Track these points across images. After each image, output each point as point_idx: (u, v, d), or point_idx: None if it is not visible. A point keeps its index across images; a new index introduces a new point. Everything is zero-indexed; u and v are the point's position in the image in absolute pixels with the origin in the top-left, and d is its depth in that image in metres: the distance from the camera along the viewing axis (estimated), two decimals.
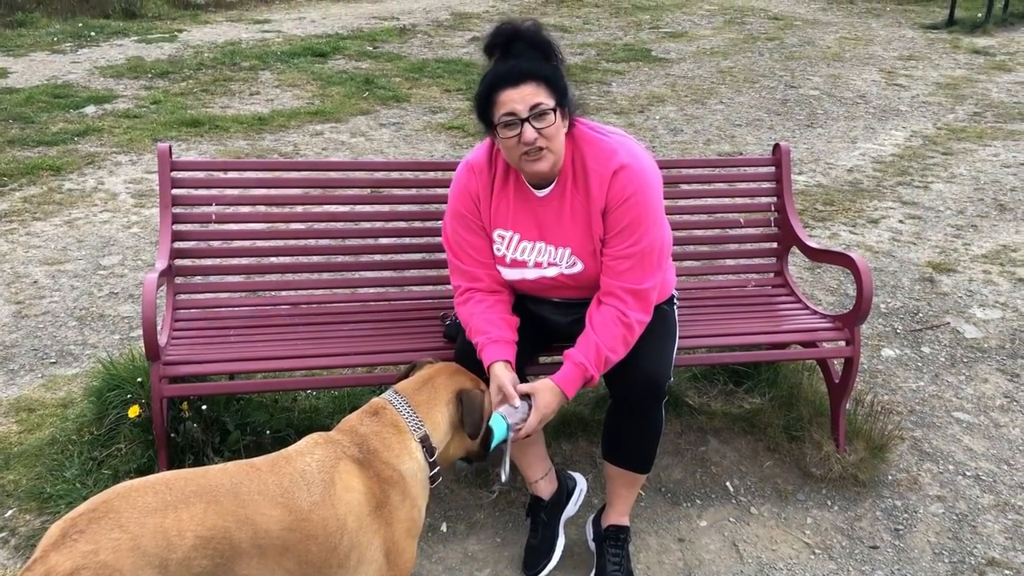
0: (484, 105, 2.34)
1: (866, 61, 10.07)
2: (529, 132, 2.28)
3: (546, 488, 2.73)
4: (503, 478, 2.31)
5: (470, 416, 2.13)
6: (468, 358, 2.47)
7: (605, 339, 2.36)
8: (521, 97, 2.27)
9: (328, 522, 1.86)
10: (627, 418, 2.52)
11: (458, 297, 2.58)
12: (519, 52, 2.33)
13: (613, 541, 2.62)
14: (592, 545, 2.70)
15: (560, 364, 2.39)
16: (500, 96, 2.29)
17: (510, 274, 2.54)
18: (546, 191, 2.45)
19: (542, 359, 2.74)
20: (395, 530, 1.97)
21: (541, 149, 2.31)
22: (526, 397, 2.31)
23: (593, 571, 2.62)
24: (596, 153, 2.41)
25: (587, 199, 2.41)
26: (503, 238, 2.51)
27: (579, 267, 2.46)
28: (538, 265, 2.49)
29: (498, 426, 2.23)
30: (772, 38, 11.34)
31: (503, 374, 2.33)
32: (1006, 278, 4.63)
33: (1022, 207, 5.65)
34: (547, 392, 2.33)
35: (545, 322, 2.66)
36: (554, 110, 2.30)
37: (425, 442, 2.06)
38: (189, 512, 1.72)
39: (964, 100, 8.44)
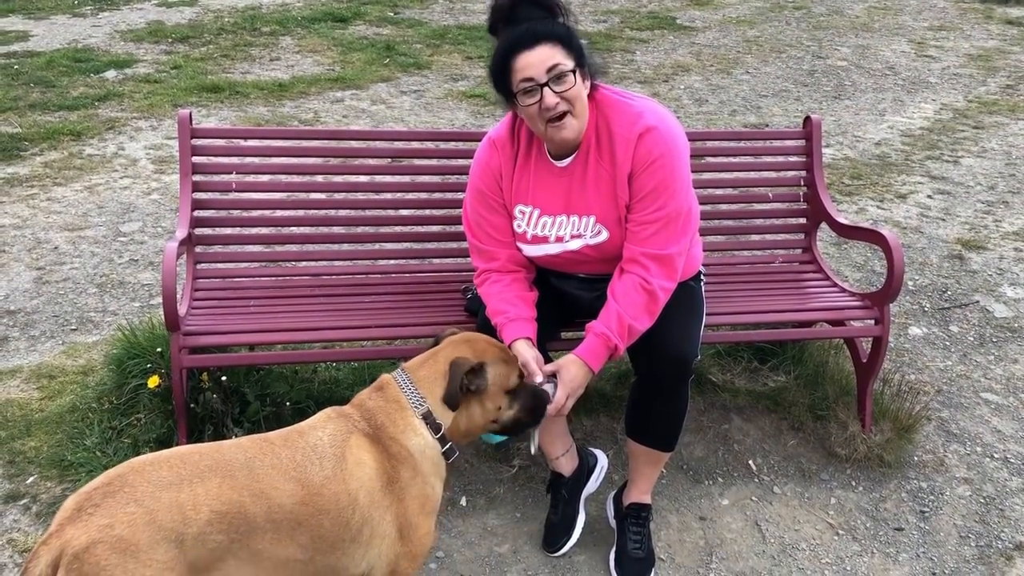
0: (500, 75, 2.28)
1: (895, 31, 9.86)
2: (550, 97, 2.22)
3: (567, 464, 2.71)
4: (532, 451, 2.31)
5: (450, 384, 1.99)
6: (490, 332, 2.43)
7: (627, 307, 2.31)
8: (538, 60, 2.20)
9: (340, 496, 1.85)
10: (653, 397, 2.48)
11: (477, 278, 2.55)
12: (526, 15, 2.25)
13: (634, 519, 2.59)
14: (613, 522, 2.67)
15: (583, 339, 2.35)
16: (515, 62, 2.22)
17: (532, 250, 2.49)
18: (568, 161, 2.41)
19: (564, 335, 2.70)
20: (407, 506, 1.95)
21: (564, 115, 2.26)
22: (552, 377, 2.27)
23: (613, 548, 2.60)
24: (621, 117, 2.35)
25: (612, 164, 2.35)
26: (523, 214, 2.46)
27: (604, 236, 2.40)
28: (559, 239, 2.44)
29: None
30: (799, 7, 11.12)
31: (525, 351, 2.30)
32: None
33: None
34: (571, 366, 2.29)
35: (568, 297, 2.62)
36: (573, 71, 2.23)
37: (428, 418, 2.00)
38: (204, 486, 1.71)
39: (996, 72, 8.25)
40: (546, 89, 2.21)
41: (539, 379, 2.26)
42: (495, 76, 2.30)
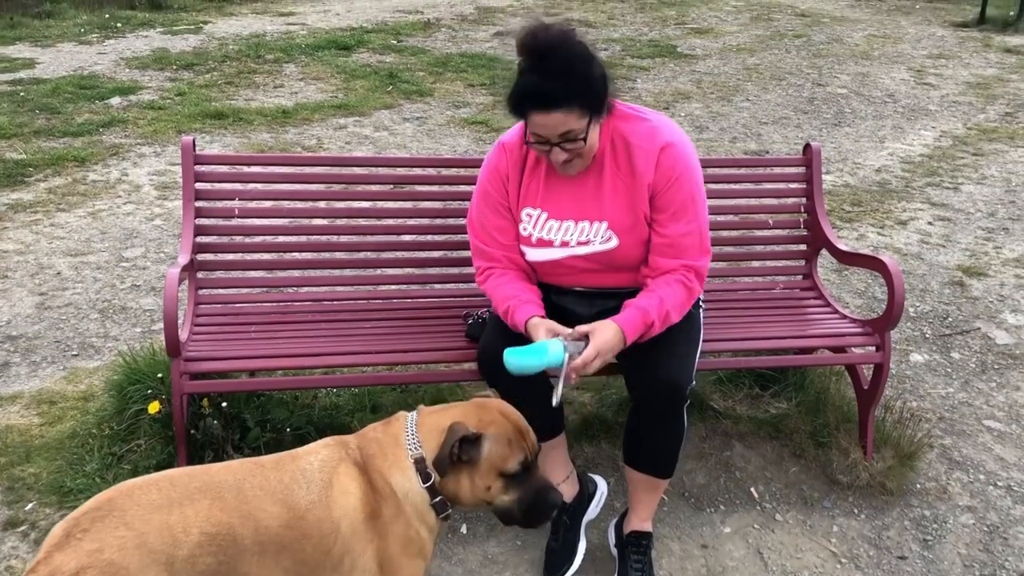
0: (515, 110, 2.32)
1: (895, 59, 9.93)
2: (558, 153, 2.31)
3: (568, 490, 2.70)
4: (554, 402, 2.27)
5: (442, 446, 1.89)
6: (490, 358, 2.45)
7: (668, 296, 2.37)
8: (552, 124, 2.25)
9: (323, 523, 1.83)
10: (648, 423, 2.48)
11: (479, 276, 2.59)
12: (551, 72, 2.23)
13: (635, 547, 2.58)
14: (614, 550, 2.66)
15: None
16: (530, 115, 2.28)
17: (535, 254, 2.52)
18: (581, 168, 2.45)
19: None
20: (388, 544, 1.90)
21: (573, 158, 2.34)
22: (584, 337, 2.27)
23: None
24: (638, 130, 2.42)
25: (631, 174, 2.40)
26: (530, 217, 2.50)
27: (613, 243, 2.44)
28: (565, 244, 2.47)
29: (555, 348, 2.19)
30: (799, 35, 11.21)
31: (542, 322, 2.33)
32: None
33: None
34: (607, 330, 2.29)
35: (567, 317, 2.61)
36: (585, 136, 2.28)
37: (420, 465, 1.92)
38: (194, 508, 1.70)
39: (995, 100, 8.30)
40: (556, 148, 2.30)
41: (566, 331, 2.27)
42: (511, 108, 2.32)
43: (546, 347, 2.20)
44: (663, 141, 2.39)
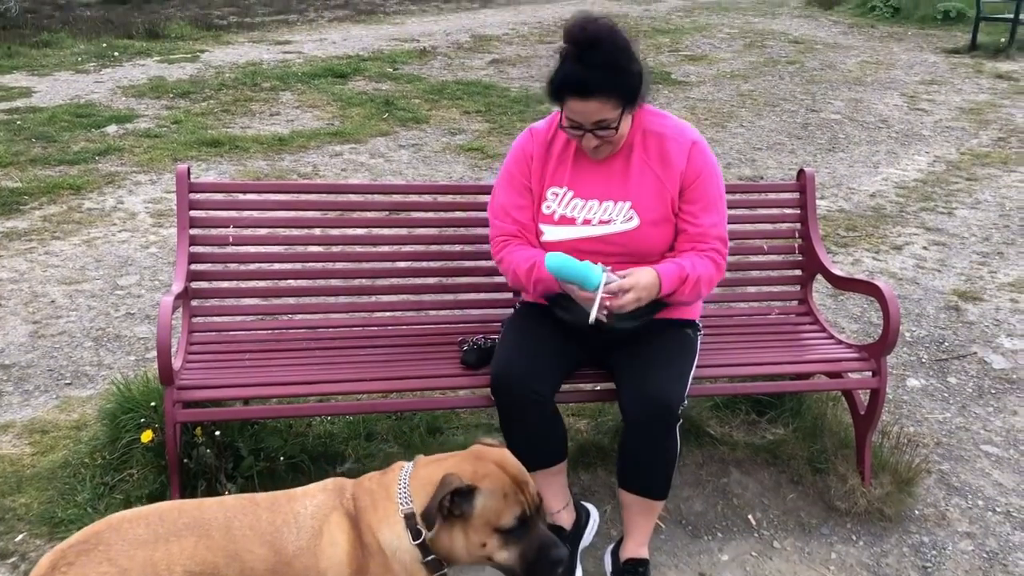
0: (554, 96, 2.45)
1: (888, 85, 10.00)
2: (591, 139, 2.45)
3: (567, 518, 2.70)
4: (591, 320, 2.33)
5: (431, 499, 1.79)
6: (504, 380, 2.48)
7: (700, 264, 2.51)
8: (588, 111, 2.39)
9: (309, 572, 1.77)
10: (640, 442, 2.49)
11: (495, 251, 2.67)
12: (594, 62, 2.36)
13: (632, 575, 2.56)
14: None
15: (585, 392, 2.35)
16: (568, 101, 2.41)
17: (555, 233, 2.58)
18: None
19: (566, 387, 2.69)
20: None
21: (604, 144, 2.49)
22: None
23: None
24: (669, 124, 2.60)
25: (661, 162, 2.54)
26: (556, 195, 2.59)
27: (635, 222, 2.53)
28: (587, 222, 2.54)
29: (594, 271, 2.32)
30: (792, 62, 11.29)
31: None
32: None
33: None
34: (647, 273, 2.41)
35: (574, 337, 2.62)
36: (617, 125, 2.43)
37: (411, 520, 1.84)
38: (180, 545, 1.68)
39: (988, 125, 8.35)
40: (588, 134, 2.44)
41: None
42: (550, 92, 2.46)
43: (588, 264, 2.34)
44: (694, 137, 2.58)
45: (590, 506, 2.84)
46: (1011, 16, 12.06)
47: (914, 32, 13.90)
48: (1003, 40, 12.17)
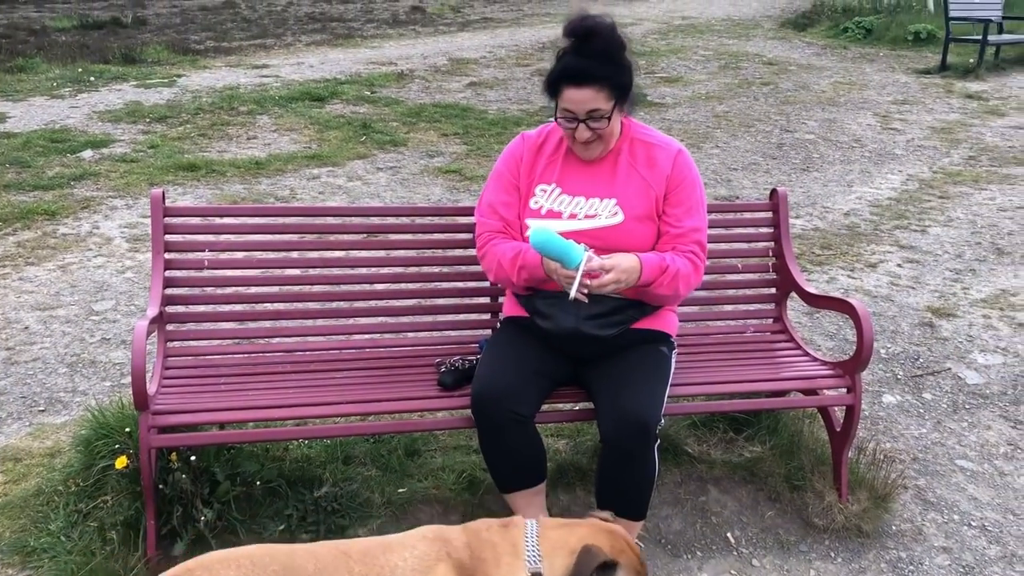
0: (550, 89, 2.56)
1: (861, 105, 10.13)
2: (583, 131, 2.53)
3: None
4: (570, 296, 2.40)
5: (578, 568, 1.79)
6: (485, 401, 2.49)
7: (680, 261, 2.57)
8: (582, 99, 2.48)
9: None
10: (618, 463, 2.50)
11: (480, 249, 2.73)
12: (590, 52, 2.49)
13: None
14: None
15: (564, 412, 2.36)
16: (564, 91, 2.50)
17: (542, 226, 2.60)
18: (597, 155, 2.67)
19: (545, 407, 2.69)
20: None
21: (595, 140, 2.57)
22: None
23: None
24: (654, 135, 2.72)
25: (649, 166, 2.64)
26: (544, 191, 2.66)
27: (619, 218, 2.59)
28: (572, 216, 2.60)
29: (576, 250, 2.38)
30: (767, 83, 11.42)
31: None
32: (1006, 323, 4.60)
33: (1020, 251, 5.64)
34: (626, 257, 2.47)
35: (551, 354, 2.64)
36: (609, 116, 2.52)
37: None
38: None
39: (959, 144, 8.47)
40: (582, 124, 2.51)
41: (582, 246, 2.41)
42: (547, 85, 2.57)
43: (571, 243, 2.40)
44: (679, 147, 2.70)
45: None
46: (979, 38, 12.28)
47: (886, 53, 14.12)
48: (972, 61, 12.39)
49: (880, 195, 6.84)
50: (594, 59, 2.48)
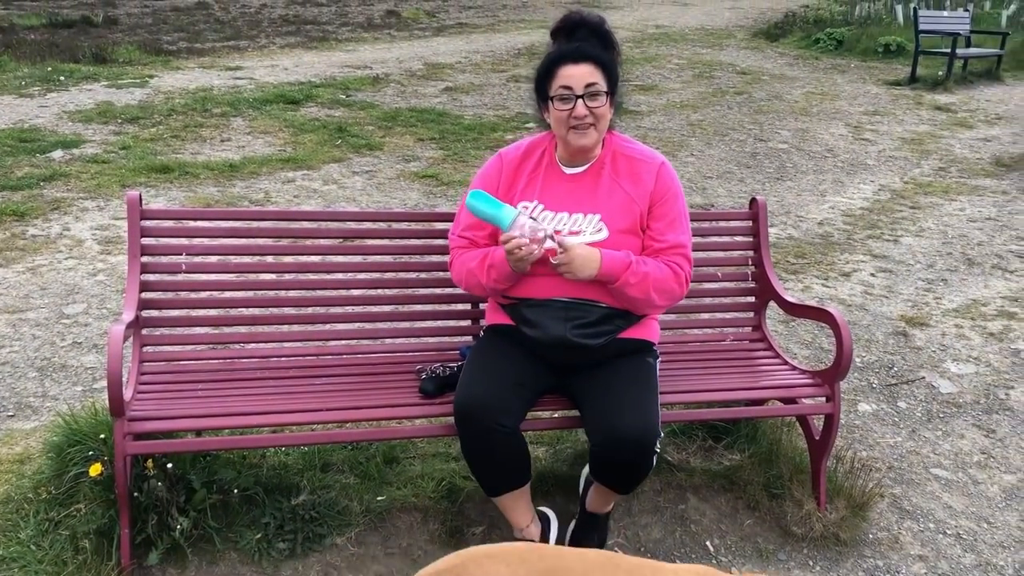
0: (544, 77, 2.58)
1: (832, 116, 10.24)
2: (581, 108, 2.51)
3: (535, 531, 2.74)
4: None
5: None
6: (468, 410, 2.48)
7: (652, 265, 2.56)
8: (580, 74, 2.51)
9: None
10: (610, 471, 2.54)
11: (451, 267, 2.75)
12: (582, 37, 2.58)
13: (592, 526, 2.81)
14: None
15: (544, 420, 2.38)
16: (560, 71, 2.53)
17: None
18: (579, 169, 2.66)
19: (531, 415, 2.69)
20: None
21: (589, 125, 2.54)
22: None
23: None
24: (637, 148, 2.72)
25: (633, 181, 2.63)
26: (526, 208, 2.63)
27: (604, 234, 2.57)
28: (556, 233, 2.55)
29: (507, 215, 2.44)
30: (740, 92, 11.52)
31: None
32: (978, 332, 4.66)
33: (989, 261, 5.72)
34: (585, 248, 2.48)
35: (535, 362, 2.65)
36: (606, 93, 2.54)
37: None
38: None
39: (929, 155, 8.59)
40: (580, 100, 2.51)
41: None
42: (539, 77, 2.61)
43: (506, 208, 2.46)
44: (660, 160, 2.70)
45: (547, 511, 2.89)
46: (948, 51, 12.47)
47: (856, 64, 14.29)
48: (941, 73, 12.58)
49: (853, 205, 6.91)
50: (587, 40, 2.57)
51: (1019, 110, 11.01)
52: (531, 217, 2.51)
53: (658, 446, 2.49)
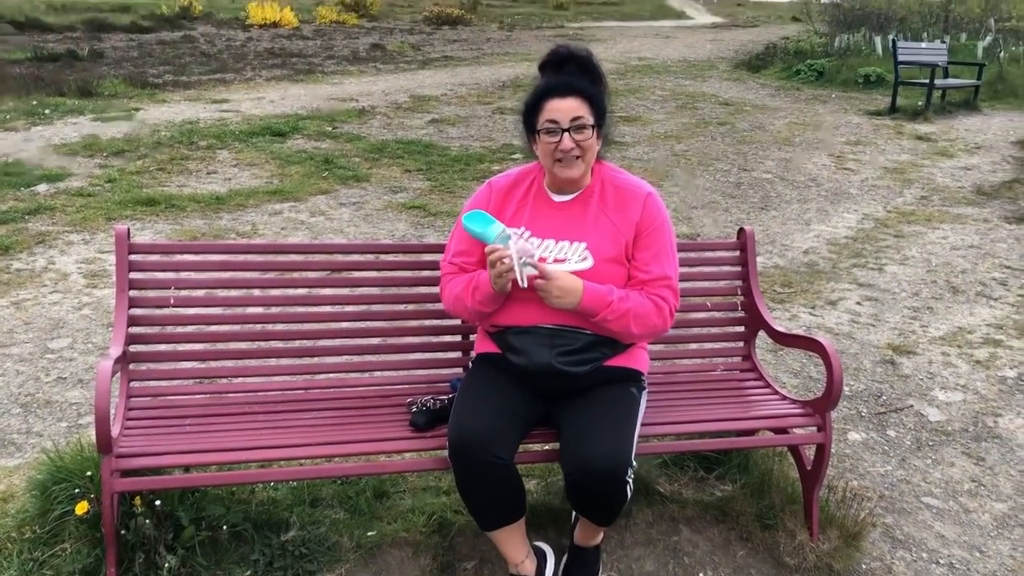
0: (531, 110, 2.61)
1: (815, 146, 10.35)
2: (567, 141, 2.54)
3: (530, 566, 2.71)
4: (522, 285, 2.45)
5: None
6: (463, 443, 2.45)
7: (635, 299, 2.56)
8: (567, 108, 2.54)
9: None
10: (584, 500, 2.54)
11: (441, 294, 2.76)
12: (570, 71, 2.62)
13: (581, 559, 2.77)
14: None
15: (535, 452, 2.36)
16: (547, 104, 2.56)
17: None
18: (567, 198, 2.68)
19: (521, 447, 2.67)
20: None
21: (576, 158, 2.57)
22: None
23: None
24: (624, 177, 2.75)
25: (619, 211, 2.65)
26: (516, 235, 2.62)
27: (589, 263, 2.59)
28: (542, 260, 2.58)
29: (493, 233, 2.49)
30: (723, 123, 11.62)
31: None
32: (964, 360, 4.68)
33: (973, 289, 5.76)
34: (568, 278, 2.50)
35: (525, 391, 2.65)
36: (592, 127, 2.57)
37: None
38: None
39: (911, 184, 8.68)
40: (566, 134, 2.54)
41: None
42: (527, 110, 2.63)
43: (495, 225, 2.53)
44: (647, 190, 2.72)
45: (544, 545, 2.86)
46: (926, 81, 12.65)
47: (837, 95, 14.47)
48: (920, 103, 12.75)
49: (837, 234, 6.96)
50: (575, 75, 2.61)
51: (997, 139, 11.16)
52: (514, 234, 2.55)
53: (630, 475, 2.45)
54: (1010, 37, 19.24)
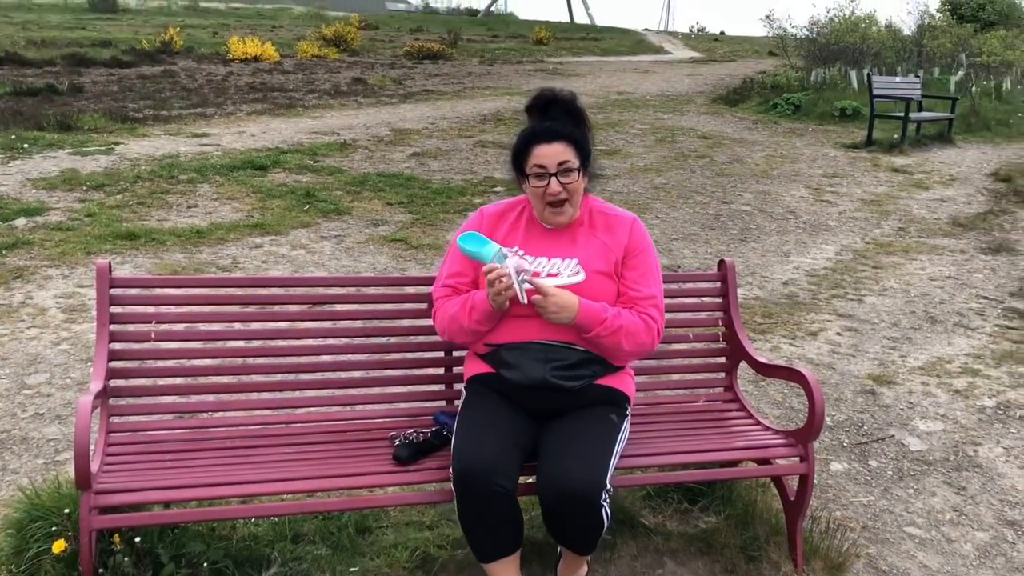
0: (519, 154, 2.70)
1: (793, 178, 10.46)
2: (555, 185, 2.63)
3: None
4: (523, 301, 2.52)
5: None
6: (473, 473, 2.44)
7: (626, 316, 2.63)
8: (553, 153, 2.63)
9: None
10: (560, 524, 2.55)
11: (433, 317, 2.81)
12: (555, 115, 2.72)
13: None
14: None
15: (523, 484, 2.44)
16: (534, 150, 2.65)
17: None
18: (558, 227, 2.77)
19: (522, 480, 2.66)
20: None
21: (563, 201, 2.67)
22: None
23: None
24: (609, 208, 2.86)
25: (608, 233, 2.75)
26: (511, 253, 2.67)
27: (581, 276, 2.67)
28: (535, 275, 2.62)
29: (489, 252, 2.56)
30: (702, 156, 11.74)
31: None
32: (943, 390, 4.71)
33: (951, 319, 5.82)
34: (564, 294, 2.56)
35: (518, 410, 2.67)
36: (578, 169, 2.66)
37: None
38: None
39: (888, 216, 8.78)
40: (553, 178, 2.63)
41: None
42: (515, 154, 2.72)
43: (491, 246, 2.59)
44: (632, 217, 2.84)
45: None
46: (901, 115, 12.85)
47: (814, 128, 14.67)
48: (895, 136, 12.95)
49: (816, 265, 7.02)
50: (559, 119, 2.70)
51: (971, 171, 11.34)
52: (509, 254, 2.61)
53: (605, 499, 2.46)
54: (981, 72, 19.63)
